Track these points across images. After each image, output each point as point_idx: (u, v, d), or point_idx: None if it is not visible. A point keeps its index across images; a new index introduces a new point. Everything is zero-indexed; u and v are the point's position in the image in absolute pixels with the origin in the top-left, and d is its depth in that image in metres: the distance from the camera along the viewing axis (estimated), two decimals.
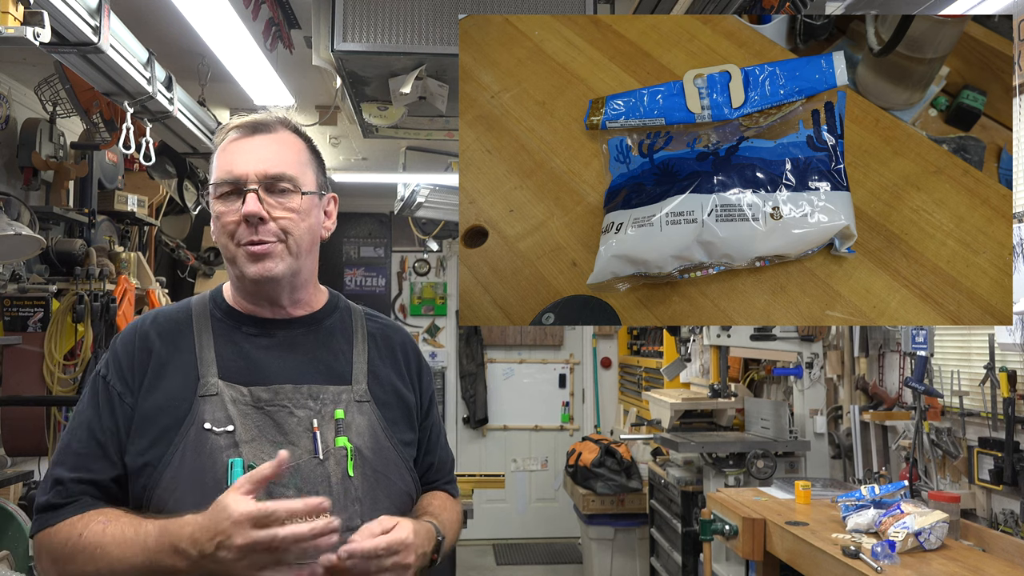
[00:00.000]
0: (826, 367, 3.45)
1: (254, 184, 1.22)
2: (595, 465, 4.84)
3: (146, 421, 1.21)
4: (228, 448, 1.18)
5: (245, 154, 1.24)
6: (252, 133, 1.26)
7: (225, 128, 1.29)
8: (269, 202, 1.22)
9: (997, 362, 2.51)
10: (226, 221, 1.23)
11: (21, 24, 1.77)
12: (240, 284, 1.29)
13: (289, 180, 1.24)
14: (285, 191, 1.24)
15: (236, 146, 1.25)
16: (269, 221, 1.22)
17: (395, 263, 6.68)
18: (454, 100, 2.55)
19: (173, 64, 2.91)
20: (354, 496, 1.21)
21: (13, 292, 3.24)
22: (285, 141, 1.28)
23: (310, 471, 1.19)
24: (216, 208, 1.25)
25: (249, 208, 1.20)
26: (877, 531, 2.23)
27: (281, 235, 1.23)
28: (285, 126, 1.29)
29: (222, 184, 1.23)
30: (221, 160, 1.25)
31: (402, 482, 1.27)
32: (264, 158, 1.24)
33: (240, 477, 1.09)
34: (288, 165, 1.25)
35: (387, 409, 1.30)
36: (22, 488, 3.16)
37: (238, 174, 1.22)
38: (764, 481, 3.21)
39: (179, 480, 1.17)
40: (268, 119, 1.28)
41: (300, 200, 1.25)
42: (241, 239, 1.22)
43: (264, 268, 1.22)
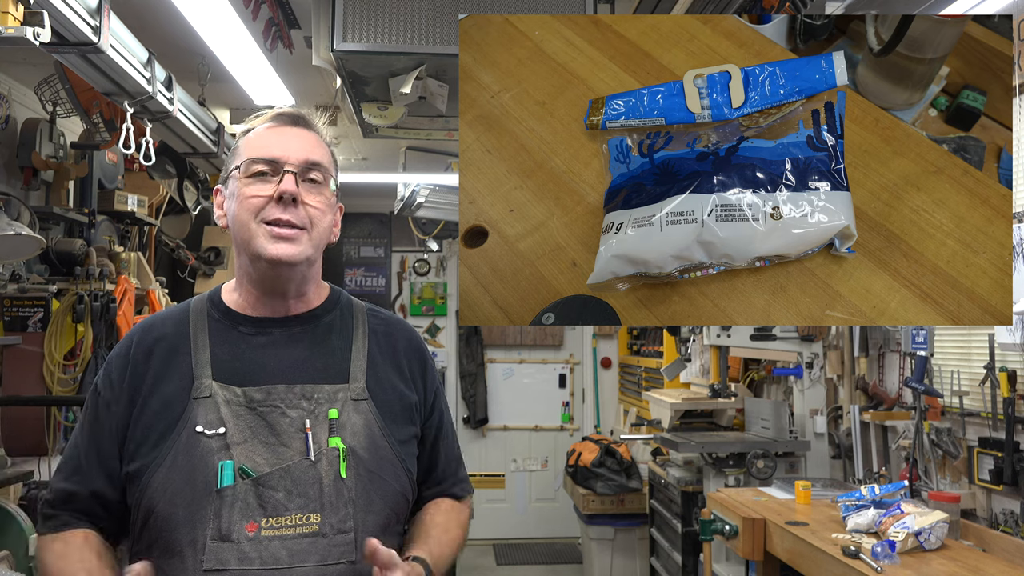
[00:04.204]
0: (826, 367, 3.45)
1: (294, 167, 1.23)
2: (595, 465, 4.84)
3: (143, 427, 1.21)
4: (219, 451, 1.18)
5: (285, 139, 1.26)
6: (291, 124, 1.29)
7: (263, 115, 1.30)
8: (303, 187, 1.24)
9: (997, 362, 2.51)
10: (253, 197, 1.22)
11: (21, 24, 1.77)
12: (252, 269, 1.26)
13: (324, 171, 1.27)
14: (317, 182, 1.26)
15: (274, 132, 1.27)
16: (300, 205, 1.23)
17: (395, 263, 6.68)
18: (454, 100, 2.55)
19: (173, 64, 2.91)
20: (347, 498, 1.20)
21: (13, 292, 3.24)
22: (318, 140, 1.31)
23: (301, 473, 1.19)
24: (242, 187, 1.24)
25: (287, 186, 1.21)
26: (877, 531, 2.23)
27: (307, 223, 1.24)
28: (316, 130, 1.32)
29: (259, 162, 1.23)
30: (255, 143, 1.26)
31: (397, 482, 1.26)
32: (304, 146, 1.26)
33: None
34: (323, 156, 1.28)
35: (385, 407, 1.28)
36: (22, 488, 3.16)
37: (277, 155, 1.24)
38: (764, 481, 3.21)
39: (169, 483, 1.17)
40: (307, 116, 1.32)
41: (331, 194, 1.28)
42: (268, 216, 1.22)
43: (286, 250, 1.22)
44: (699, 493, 3.64)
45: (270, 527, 1.16)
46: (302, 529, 1.17)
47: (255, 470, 1.17)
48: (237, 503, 1.16)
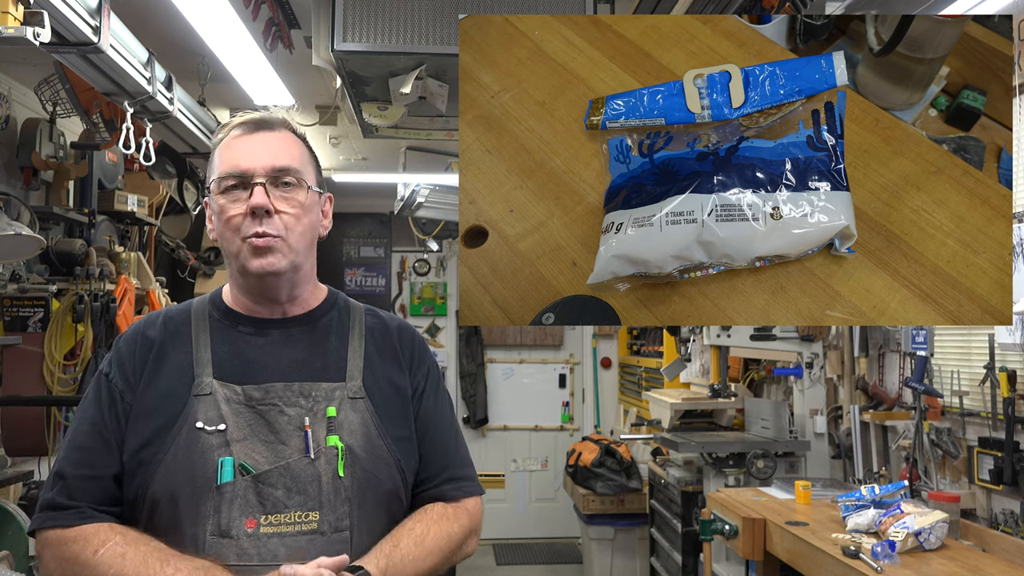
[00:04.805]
0: (826, 367, 3.45)
1: (261, 178, 1.24)
2: (595, 465, 4.84)
3: (142, 419, 1.22)
4: (219, 447, 1.18)
5: (251, 149, 1.26)
6: (256, 130, 1.28)
7: (227, 126, 1.30)
8: (275, 196, 1.24)
9: (997, 362, 2.51)
10: (231, 215, 1.24)
11: (21, 24, 1.77)
12: (242, 280, 1.29)
13: (295, 174, 1.27)
14: (290, 185, 1.26)
15: (240, 142, 1.27)
16: (274, 215, 1.23)
17: (395, 263, 6.68)
18: (454, 100, 2.55)
19: (173, 64, 2.91)
20: (344, 496, 1.20)
21: (13, 292, 3.24)
22: (287, 139, 1.30)
23: (300, 470, 1.19)
24: (219, 203, 1.25)
25: (257, 200, 1.22)
26: (877, 531, 2.23)
27: (284, 230, 1.24)
28: (285, 126, 1.31)
29: (228, 177, 1.24)
30: (224, 156, 1.26)
31: (391, 482, 1.26)
32: (270, 153, 1.26)
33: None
34: (293, 159, 1.28)
35: (383, 405, 1.29)
36: (22, 488, 3.16)
37: (244, 168, 1.24)
38: (764, 481, 3.21)
39: (170, 478, 1.18)
40: (270, 118, 1.30)
41: (306, 194, 1.28)
42: (246, 232, 1.23)
43: (267, 263, 1.23)
44: (699, 493, 3.64)
45: (269, 524, 1.17)
46: (301, 527, 1.17)
47: (255, 467, 1.18)
48: (237, 499, 1.16)
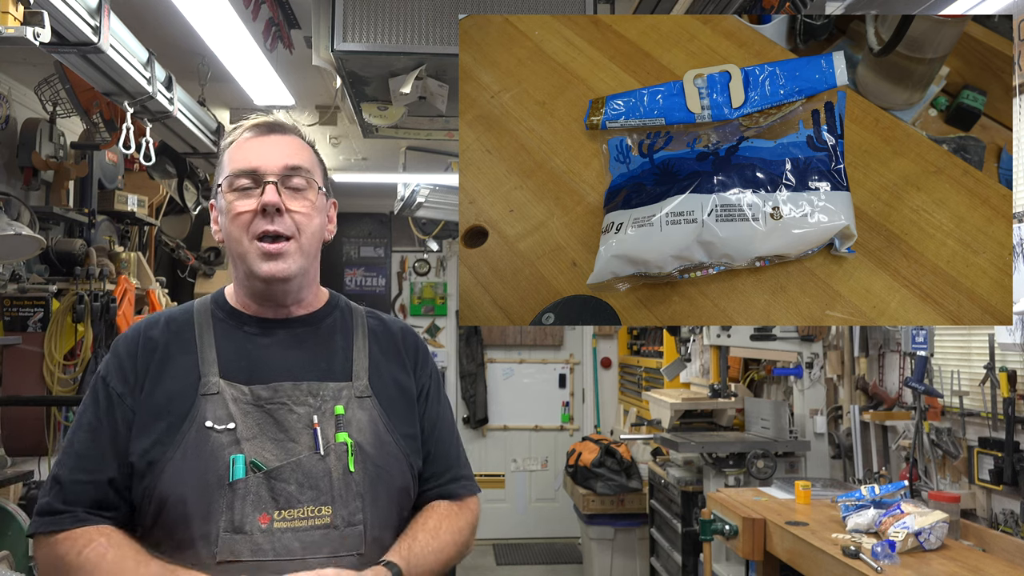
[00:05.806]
0: (826, 367, 3.45)
1: (273, 176, 1.25)
2: (595, 465, 4.84)
3: (149, 420, 1.22)
4: (230, 445, 1.19)
5: (263, 149, 1.28)
6: (268, 132, 1.31)
7: (238, 128, 1.32)
8: (286, 195, 1.26)
9: (997, 362, 2.51)
10: (240, 211, 1.25)
11: (21, 24, 1.77)
12: (247, 283, 1.30)
13: (306, 174, 1.29)
14: (300, 187, 1.28)
15: (253, 143, 1.29)
16: (285, 214, 1.25)
17: (395, 263, 6.68)
18: (454, 100, 2.55)
19: (173, 64, 2.91)
20: (355, 491, 1.22)
21: (13, 292, 3.24)
22: (298, 142, 1.33)
23: (311, 466, 1.20)
24: (229, 200, 1.26)
25: (269, 197, 1.23)
26: (877, 531, 2.23)
27: (295, 231, 1.26)
28: (295, 132, 1.35)
29: (240, 175, 1.26)
30: (236, 156, 1.28)
31: (401, 478, 1.28)
32: (283, 153, 1.28)
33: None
34: (304, 160, 1.30)
35: (390, 403, 1.31)
36: (22, 488, 3.16)
37: (257, 166, 1.26)
38: (764, 481, 3.21)
39: (181, 477, 1.18)
40: (281, 122, 1.33)
41: (316, 195, 1.30)
42: (256, 230, 1.24)
43: (277, 267, 1.25)
44: (699, 493, 3.64)
45: (282, 519, 1.18)
46: (314, 521, 1.19)
47: (266, 464, 1.19)
48: (249, 496, 1.17)
